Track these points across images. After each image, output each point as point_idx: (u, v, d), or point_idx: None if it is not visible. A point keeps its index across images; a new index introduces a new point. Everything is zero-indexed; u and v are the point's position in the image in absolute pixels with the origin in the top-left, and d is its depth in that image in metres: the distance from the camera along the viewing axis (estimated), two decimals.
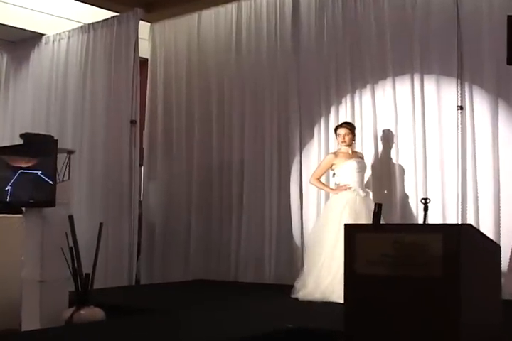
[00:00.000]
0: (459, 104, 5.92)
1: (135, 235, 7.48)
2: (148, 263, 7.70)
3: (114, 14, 7.94)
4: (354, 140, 6.00)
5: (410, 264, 2.95)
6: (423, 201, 4.45)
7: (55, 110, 8.30)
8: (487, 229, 5.52)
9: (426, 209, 4.43)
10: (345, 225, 3.30)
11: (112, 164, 7.65)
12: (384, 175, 6.30)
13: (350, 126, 5.96)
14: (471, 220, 5.73)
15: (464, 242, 2.93)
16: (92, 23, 8.11)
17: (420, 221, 5.86)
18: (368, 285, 3.08)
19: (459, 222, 5.70)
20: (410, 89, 6.21)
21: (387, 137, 6.32)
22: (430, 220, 5.63)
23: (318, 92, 6.77)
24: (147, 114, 7.99)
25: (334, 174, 6.00)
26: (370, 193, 5.91)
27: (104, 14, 8.01)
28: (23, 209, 5.28)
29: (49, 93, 8.44)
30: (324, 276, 5.40)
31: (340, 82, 6.64)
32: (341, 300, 3.58)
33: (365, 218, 5.44)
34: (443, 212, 5.90)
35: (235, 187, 7.26)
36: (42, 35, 8.63)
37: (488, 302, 3.25)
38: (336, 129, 6.03)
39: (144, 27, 7.92)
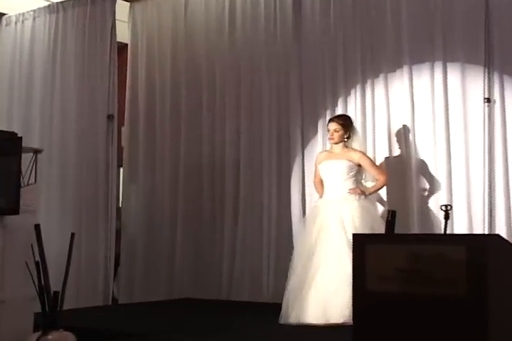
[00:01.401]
0: (487, 96, 5.90)
1: (112, 247, 7.47)
2: (127, 280, 7.67)
3: None
4: (347, 137, 5.86)
5: (429, 280, 2.94)
6: (444, 208, 4.42)
7: (18, 102, 8.27)
8: None
9: (447, 217, 4.40)
10: (354, 235, 3.28)
11: (85, 165, 7.64)
12: (399, 177, 6.28)
13: (341, 121, 5.88)
14: (500, 230, 5.70)
15: (492, 255, 2.91)
16: (62, 2, 8.09)
17: (440, 231, 5.83)
18: (380, 305, 3.06)
19: (486, 232, 5.68)
20: (430, 79, 6.20)
21: (404, 134, 6.31)
22: (452, 230, 5.63)
23: (323, 82, 6.76)
24: (127, 108, 7.98)
25: None
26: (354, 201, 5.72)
27: None
28: None
29: (11, 83, 8.41)
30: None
31: (349, 71, 6.63)
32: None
33: (333, 232, 5.53)
34: (467, 221, 5.89)
35: (229, 190, 7.25)
36: (2, 14, 8.61)
37: None
38: (327, 124, 6.04)
39: (122, 7, 7.91)
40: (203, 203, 7.43)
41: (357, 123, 6.44)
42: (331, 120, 5.96)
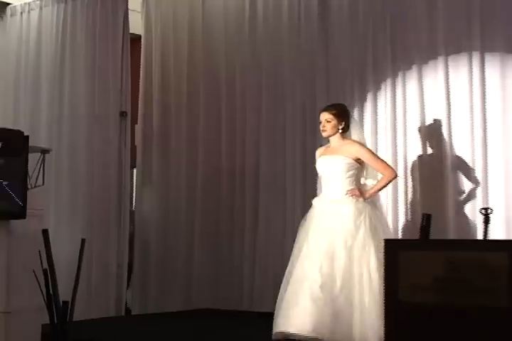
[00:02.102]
0: None
1: (125, 254, 7.48)
2: (141, 289, 7.68)
3: None
4: (342, 128, 5.52)
5: (467, 290, 2.91)
6: (483, 211, 4.40)
7: (25, 99, 8.28)
8: None
9: (487, 221, 4.38)
10: (386, 241, 3.25)
11: (96, 166, 7.64)
12: (433, 177, 6.24)
13: (333, 110, 5.54)
14: None
15: None
16: None
17: (480, 236, 5.78)
18: (415, 317, 3.03)
19: None
20: (467, 71, 6.15)
21: (438, 131, 6.26)
22: (492, 235, 5.57)
23: (350, 77, 6.74)
24: (140, 104, 7.98)
25: None
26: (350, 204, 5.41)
27: None
28: None
29: (17, 77, 8.41)
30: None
31: (379, 63, 6.60)
32: None
33: (322, 237, 5.32)
34: (505, 225, 5.85)
35: (249, 193, 7.25)
36: (6, 4, 8.63)
37: None
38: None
39: None
40: (222, 207, 7.42)
41: (387, 120, 6.42)
42: (321, 110, 5.63)
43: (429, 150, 6.34)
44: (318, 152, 5.72)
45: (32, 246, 4.86)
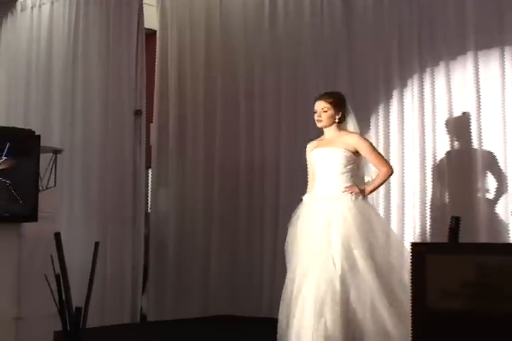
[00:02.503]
0: None
1: (140, 258, 7.50)
2: (157, 294, 7.70)
3: None
4: (339, 118, 5.30)
5: (500, 296, 2.88)
6: None
7: (36, 97, 8.31)
8: None
9: None
10: (412, 244, 3.23)
11: (110, 166, 7.66)
12: (462, 177, 6.22)
13: (330, 98, 5.33)
14: None
15: None
16: None
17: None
18: (443, 324, 3.00)
19: None
20: (499, 65, 6.12)
21: (468, 129, 6.24)
22: None
23: (375, 72, 6.73)
24: (156, 102, 8.01)
25: None
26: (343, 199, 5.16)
27: None
28: None
29: (28, 75, 8.45)
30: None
31: (405, 58, 6.58)
32: None
33: (315, 237, 5.06)
34: None
35: (269, 194, 7.24)
36: None
37: None
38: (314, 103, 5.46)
39: None
40: (240, 208, 7.42)
41: (414, 118, 6.39)
42: (317, 99, 5.39)
43: (459, 149, 6.31)
44: (311, 146, 5.45)
45: (44, 250, 4.88)
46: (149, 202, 8.01)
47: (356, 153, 5.23)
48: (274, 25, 7.39)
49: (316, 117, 5.33)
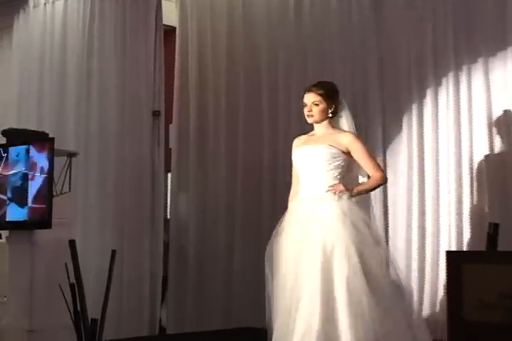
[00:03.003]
0: None
1: (159, 266, 7.50)
2: (177, 305, 7.70)
3: None
4: (333, 113, 4.98)
5: None
6: None
7: (49, 97, 8.35)
8: None
9: None
10: (448, 252, 3.22)
11: (128, 170, 7.69)
12: (501, 180, 6.16)
13: (321, 90, 4.97)
14: None
15: None
16: None
17: None
18: (481, 337, 3.00)
19: None
20: None
21: (507, 129, 6.20)
22: None
23: (407, 70, 6.69)
24: (175, 103, 8.02)
25: None
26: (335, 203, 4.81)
27: None
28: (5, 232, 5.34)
29: (41, 74, 8.50)
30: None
31: (440, 55, 6.54)
32: None
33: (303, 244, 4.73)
34: None
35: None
36: None
37: None
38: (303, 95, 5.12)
39: None
40: (264, 214, 7.39)
41: (449, 118, 6.36)
42: (306, 90, 5.04)
43: (499, 151, 6.27)
44: (298, 142, 5.13)
45: (58, 258, 4.91)
46: (168, 207, 8.01)
47: (348, 153, 4.88)
48: (300, 15, 7.34)
49: (306, 112, 4.97)
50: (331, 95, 4.97)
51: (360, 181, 5.00)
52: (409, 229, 6.44)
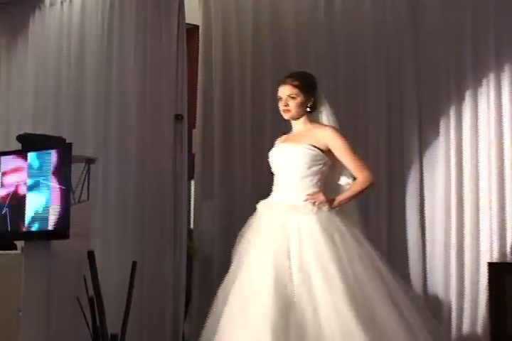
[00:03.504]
0: None
1: (182, 278, 7.50)
2: (201, 319, 7.67)
3: None
4: (311, 106, 4.79)
5: None
6: None
7: (67, 100, 8.38)
8: None
9: None
10: (490, 264, 3.21)
11: (148, 177, 7.70)
12: None
13: (297, 81, 4.80)
14: None
15: None
16: None
17: None
18: None
19: None
20: None
21: None
22: None
23: (446, 71, 6.69)
24: (199, 106, 8.01)
25: None
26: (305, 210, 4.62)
27: None
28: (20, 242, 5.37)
29: (58, 76, 8.54)
30: None
31: (480, 53, 6.53)
32: None
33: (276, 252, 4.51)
34: None
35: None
36: None
37: None
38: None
39: None
40: None
41: (490, 122, 6.32)
42: (280, 82, 4.88)
43: None
44: (278, 140, 5.06)
45: (76, 270, 4.92)
46: (192, 217, 8.01)
47: (328, 151, 4.68)
48: (331, 9, 7.29)
49: (281, 107, 4.78)
50: (308, 87, 4.79)
51: (344, 183, 4.76)
52: (448, 240, 6.41)
